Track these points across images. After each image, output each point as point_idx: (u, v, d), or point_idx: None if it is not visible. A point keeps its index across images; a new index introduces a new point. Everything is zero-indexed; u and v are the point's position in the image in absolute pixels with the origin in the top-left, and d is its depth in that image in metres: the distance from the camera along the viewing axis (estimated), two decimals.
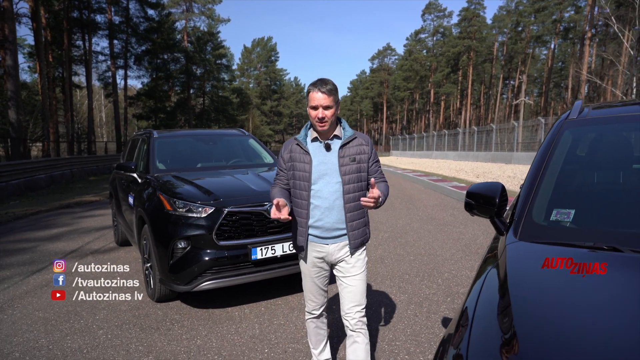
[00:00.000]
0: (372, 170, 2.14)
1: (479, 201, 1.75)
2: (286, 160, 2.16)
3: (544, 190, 1.57)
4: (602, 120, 1.85)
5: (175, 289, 3.44)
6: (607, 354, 0.82)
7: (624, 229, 1.36)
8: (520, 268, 1.23)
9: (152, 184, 3.98)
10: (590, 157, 1.73)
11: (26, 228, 7.60)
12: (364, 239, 2.17)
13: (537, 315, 1.00)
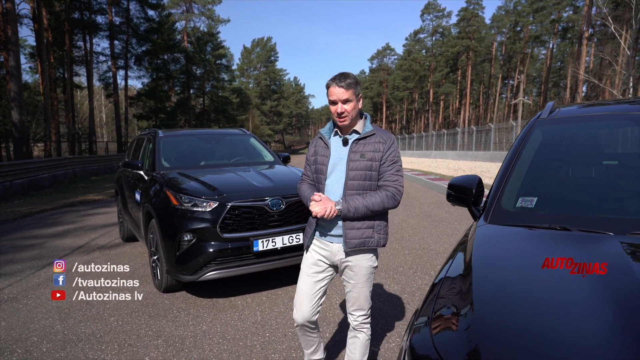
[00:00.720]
0: (383, 168, 1.98)
1: (458, 192, 1.96)
2: (311, 155, 2.14)
3: (513, 181, 1.79)
4: (569, 120, 2.06)
5: (182, 279, 3.65)
6: (555, 315, 1.02)
7: (574, 214, 1.58)
8: (484, 244, 1.44)
9: (159, 180, 4.19)
10: (556, 152, 1.94)
11: (33, 226, 7.80)
12: (364, 241, 1.99)
13: (493, 281, 1.21)
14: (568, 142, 1.95)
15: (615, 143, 1.93)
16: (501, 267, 1.29)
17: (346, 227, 1.98)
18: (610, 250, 1.19)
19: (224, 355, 2.84)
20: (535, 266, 1.18)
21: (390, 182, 1.97)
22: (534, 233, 1.44)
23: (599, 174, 1.82)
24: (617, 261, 1.12)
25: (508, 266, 1.28)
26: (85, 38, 30.07)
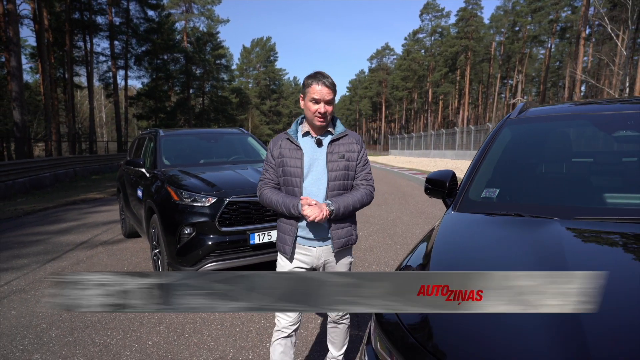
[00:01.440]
0: (358, 169, 2.04)
1: (434, 185, 2.17)
2: (276, 157, 2.04)
3: (481, 175, 1.98)
4: (536, 119, 2.26)
5: (182, 270, 3.84)
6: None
7: (529, 202, 1.78)
8: (448, 227, 1.63)
9: (160, 177, 4.39)
10: (521, 149, 2.13)
11: (36, 223, 8.00)
12: (348, 240, 2.05)
13: (448, 252, 1.42)
14: (533, 140, 2.15)
15: (574, 140, 2.13)
16: (458, 242, 1.50)
17: (333, 229, 1.98)
18: (551, 231, 1.38)
19: (222, 340, 3.03)
20: (488, 241, 1.38)
21: (366, 180, 2.05)
22: (492, 218, 1.63)
23: (557, 168, 2.03)
24: (554, 239, 1.32)
25: (464, 242, 1.49)
26: (85, 38, 30.26)
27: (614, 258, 1.25)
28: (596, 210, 1.57)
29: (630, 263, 1.22)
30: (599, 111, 2.09)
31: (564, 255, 1.19)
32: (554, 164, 2.04)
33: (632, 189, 1.75)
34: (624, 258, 1.25)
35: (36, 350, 2.93)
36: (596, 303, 0.87)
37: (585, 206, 1.62)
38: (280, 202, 1.97)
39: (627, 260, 1.23)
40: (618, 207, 1.62)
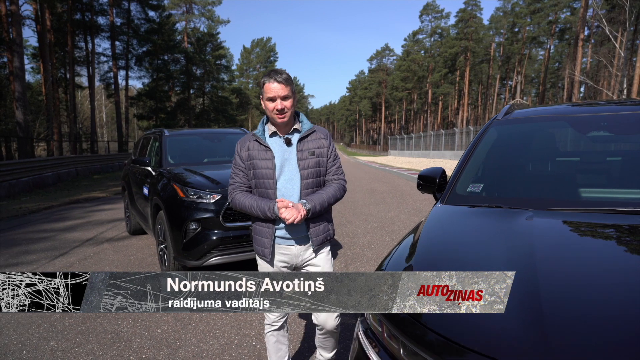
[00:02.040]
0: (330, 163, 2.04)
1: (425, 181, 2.34)
2: (245, 159, 2.01)
3: (468, 171, 2.16)
4: (521, 120, 2.44)
5: (188, 264, 4.02)
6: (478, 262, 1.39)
7: (509, 195, 1.96)
8: (435, 217, 1.81)
9: (166, 175, 4.57)
10: (505, 147, 2.31)
11: (42, 220, 8.17)
12: (326, 236, 2.05)
13: (432, 237, 1.59)
14: (516, 139, 2.32)
15: (553, 140, 2.30)
16: (443, 230, 1.67)
17: (311, 227, 1.97)
18: (523, 220, 1.55)
19: (226, 328, 3.21)
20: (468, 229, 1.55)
21: (338, 175, 2.05)
22: (474, 210, 1.81)
23: (536, 165, 2.20)
24: (525, 227, 1.49)
25: (448, 231, 1.66)
26: (86, 39, 30.44)
27: (578, 243, 1.42)
28: (568, 202, 1.75)
29: (590, 245, 1.39)
30: (577, 113, 2.27)
31: (532, 241, 1.36)
32: (534, 162, 2.21)
33: (603, 184, 1.93)
34: (586, 242, 1.42)
35: (52, 338, 3.11)
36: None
37: (558, 199, 1.80)
38: (254, 206, 1.93)
39: (589, 244, 1.41)
40: (589, 199, 1.79)
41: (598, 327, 0.98)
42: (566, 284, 1.16)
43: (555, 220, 1.55)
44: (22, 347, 2.99)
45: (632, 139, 2.09)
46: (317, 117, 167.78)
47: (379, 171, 20.92)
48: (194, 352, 2.86)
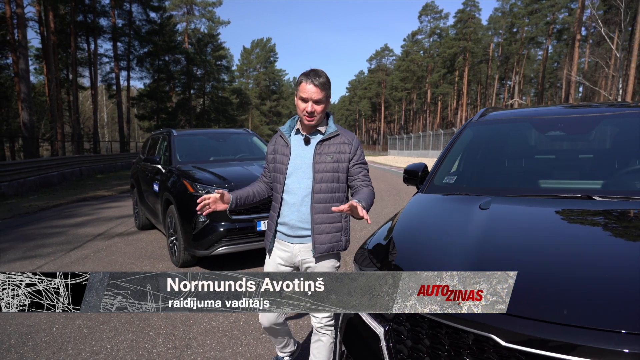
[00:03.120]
0: (353, 172, 1.97)
1: (409, 175, 2.69)
2: (270, 153, 2.08)
3: (445, 166, 2.51)
4: (493, 122, 2.79)
5: (197, 254, 4.37)
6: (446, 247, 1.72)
7: (476, 185, 2.31)
8: (413, 203, 2.16)
9: (176, 172, 4.92)
10: (479, 145, 2.65)
11: (53, 217, 8.52)
12: (334, 246, 1.96)
13: (408, 219, 1.94)
14: (488, 138, 2.67)
15: (518, 139, 2.64)
16: (418, 213, 2.02)
17: (315, 232, 1.91)
18: (482, 203, 1.89)
19: (231, 315, 3.55)
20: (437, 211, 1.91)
21: (367, 182, 1.98)
22: (446, 197, 2.16)
23: (502, 159, 2.54)
24: (482, 208, 1.83)
25: (421, 213, 2.01)
26: (88, 40, 30.80)
27: (520, 219, 1.77)
28: (522, 190, 2.09)
29: (530, 220, 1.74)
30: (540, 115, 2.62)
31: (485, 217, 1.70)
32: (500, 157, 2.55)
33: (555, 176, 2.28)
34: (527, 218, 1.77)
35: (77, 318, 3.46)
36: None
37: (514, 187, 2.15)
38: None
39: (533, 221, 1.75)
40: (540, 188, 2.14)
41: (532, 276, 1.32)
42: (506, 246, 1.51)
43: (507, 205, 1.89)
44: (51, 325, 3.33)
45: (582, 138, 2.45)
46: None
47: (377, 170, 21.27)
48: (205, 328, 3.21)
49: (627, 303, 1.12)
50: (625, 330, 1.03)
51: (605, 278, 1.24)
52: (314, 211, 1.91)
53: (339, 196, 1.96)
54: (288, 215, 1.96)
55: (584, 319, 1.08)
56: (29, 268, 4.90)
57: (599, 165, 2.25)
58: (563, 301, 1.17)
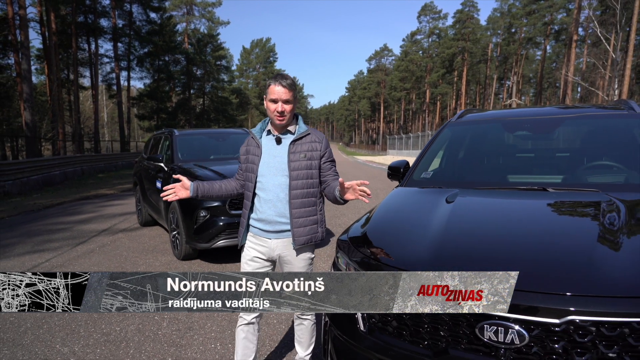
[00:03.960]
0: (324, 167, 2.11)
1: (393, 171, 2.95)
2: (242, 154, 2.20)
3: (423, 162, 2.77)
4: (470, 122, 3.05)
5: (198, 246, 4.63)
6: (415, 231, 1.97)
7: (448, 179, 2.57)
8: (392, 195, 2.42)
9: (178, 170, 5.17)
10: (455, 144, 2.91)
11: (58, 214, 8.77)
12: (312, 237, 2.08)
13: (385, 207, 2.20)
14: (464, 138, 2.93)
15: (489, 138, 2.90)
16: (395, 201, 2.28)
17: (294, 226, 2.03)
18: (452, 195, 2.15)
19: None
20: (411, 200, 2.17)
21: (334, 173, 2.14)
22: (421, 189, 2.41)
23: (474, 156, 2.80)
24: (452, 199, 2.09)
25: (397, 203, 2.27)
26: (89, 40, 31.05)
27: (484, 208, 2.03)
28: (488, 183, 2.35)
29: (492, 208, 2.00)
30: (509, 117, 2.89)
31: (450, 205, 1.96)
32: (473, 154, 2.82)
33: (519, 171, 2.54)
34: (491, 208, 2.03)
35: None
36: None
37: (481, 181, 2.41)
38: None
39: (491, 209, 2.01)
40: (503, 182, 2.40)
41: (484, 250, 1.58)
42: (466, 227, 1.77)
43: (471, 197, 2.14)
44: (61, 314, 3.58)
45: (545, 137, 2.71)
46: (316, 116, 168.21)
47: (375, 170, 21.53)
48: (207, 312, 3.46)
49: (557, 270, 1.38)
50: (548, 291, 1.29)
51: (539, 252, 1.50)
52: (292, 206, 2.03)
53: (314, 191, 2.09)
54: (265, 212, 2.05)
55: (526, 284, 1.33)
56: (38, 261, 5.16)
57: (558, 162, 2.52)
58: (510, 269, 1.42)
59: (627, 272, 1.33)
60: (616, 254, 1.42)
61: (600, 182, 2.18)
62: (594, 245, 1.47)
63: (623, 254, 1.41)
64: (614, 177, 2.22)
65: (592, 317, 1.22)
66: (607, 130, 2.49)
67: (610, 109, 2.69)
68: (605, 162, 2.32)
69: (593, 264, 1.37)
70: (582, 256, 1.42)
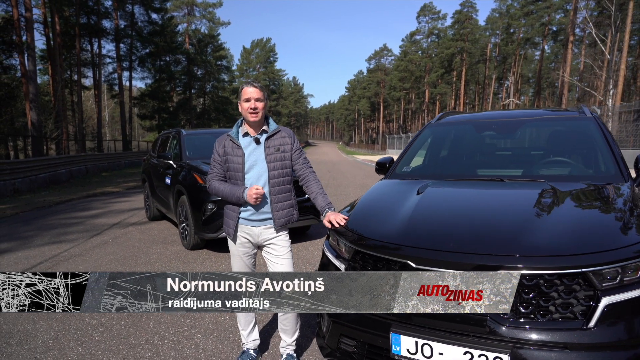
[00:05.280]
0: (295, 157, 2.44)
1: (379, 166, 3.38)
2: (221, 155, 2.40)
3: (405, 158, 3.21)
4: (448, 124, 3.48)
5: (206, 237, 5.06)
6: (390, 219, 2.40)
7: (424, 172, 3.00)
8: (375, 186, 2.84)
9: (186, 167, 5.61)
10: (433, 142, 3.35)
11: (68, 210, 9.20)
12: (289, 219, 2.41)
13: (368, 196, 2.63)
14: (441, 137, 3.37)
15: (463, 137, 3.33)
16: (376, 190, 2.72)
17: (274, 210, 2.34)
18: (424, 185, 2.57)
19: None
20: (389, 189, 2.61)
21: (307, 166, 2.49)
22: (400, 181, 2.85)
23: (448, 153, 3.24)
24: (423, 189, 2.52)
25: (378, 192, 2.71)
26: (91, 41, 31.47)
27: (449, 194, 2.46)
28: (456, 175, 2.79)
29: (455, 194, 2.43)
30: (479, 119, 3.33)
31: (422, 195, 2.39)
32: (449, 151, 3.25)
33: (485, 166, 2.97)
34: (455, 194, 2.46)
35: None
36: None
37: (451, 173, 2.85)
38: (228, 192, 2.34)
39: (454, 194, 2.44)
40: (470, 175, 2.83)
41: (439, 225, 2.00)
42: (431, 209, 2.20)
43: (439, 187, 2.57)
44: None
45: (509, 137, 3.15)
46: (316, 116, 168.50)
47: (373, 168, 21.95)
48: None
49: (493, 237, 1.81)
50: (483, 252, 1.72)
51: (483, 225, 1.94)
52: (271, 193, 2.34)
53: (288, 179, 2.44)
54: (254, 205, 2.31)
55: (459, 247, 1.77)
56: (57, 251, 5.59)
57: (518, 158, 2.96)
58: (454, 238, 1.85)
59: (544, 239, 1.76)
60: (540, 227, 1.85)
61: (548, 174, 2.62)
62: (524, 220, 1.90)
63: (545, 226, 1.84)
64: (560, 170, 2.65)
65: (518, 270, 1.65)
66: (560, 130, 2.93)
67: (566, 112, 3.13)
68: (555, 158, 2.76)
69: (521, 232, 1.81)
70: (514, 227, 1.86)
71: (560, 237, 1.76)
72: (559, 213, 1.96)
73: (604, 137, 2.67)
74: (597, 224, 1.87)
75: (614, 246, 1.69)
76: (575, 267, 1.62)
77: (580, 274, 1.63)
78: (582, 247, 1.69)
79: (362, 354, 1.99)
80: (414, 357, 1.77)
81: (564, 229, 1.82)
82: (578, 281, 1.64)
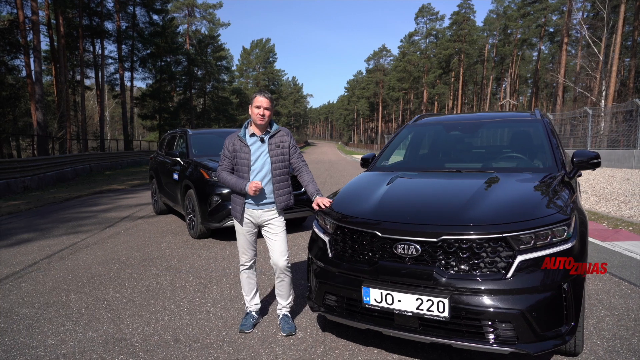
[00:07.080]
0: (291, 152, 2.96)
1: (364, 161, 3.93)
2: (230, 151, 2.91)
3: (385, 154, 3.75)
4: (424, 124, 4.03)
5: (211, 226, 5.60)
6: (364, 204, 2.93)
7: (401, 167, 3.55)
8: (358, 177, 3.39)
9: (193, 164, 6.15)
10: (410, 141, 3.89)
11: (79, 206, 9.74)
12: (287, 203, 2.93)
13: (350, 185, 3.17)
14: (417, 136, 3.91)
15: (435, 136, 3.87)
16: (357, 180, 3.26)
17: (277, 196, 2.88)
18: (398, 175, 3.11)
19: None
20: (368, 179, 3.17)
21: (301, 160, 3.04)
22: (378, 172, 3.38)
23: (421, 149, 3.79)
24: (395, 178, 3.05)
25: (358, 182, 3.25)
26: (94, 42, 31.99)
27: (414, 182, 3.00)
28: (424, 168, 3.33)
29: (419, 182, 2.98)
30: (448, 121, 3.89)
31: (393, 183, 2.93)
32: (421, 148, 3.80)
33: (451, 161, 3.51)
34: (419, 182, 3.00)
35: (127, 267, 4.68)
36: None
37: (420, 166, 3.40)
38: (234, 183, 2.87)
39: (419, 182, 2.98)
40: (436, 167, 3.37)
41: (401, 204, 2.54)
42: (397, 193, 2.74)
43: (407, 178, 3.11)
44: (109, 272, 4.56)
45: (471, 136, 3.70)
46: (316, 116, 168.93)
47: None
48: (223, 272, 4.44)
49: (440, 212, 2.36)
50: (431, 223, 2.26)
51: (434, 203, 2.48)
52: (274, 182, 2.89)
53: (286, 170, 2.96)
54: (259, 193, 2.83)
55: (413, 220, 2.31)
56: (75, 240, 6.13)
57: (478, 154, 3.50)
58: (410, 214, 2.40)
59: (478, 212, 2.30)
60: (477, 204, 2.39)
61: (499, 166, 3.16)
62: (467, 199, 2.45)
63: (481, 203, 2.39)
64: (510, 163, 3.20)
65: (454, 236, 2.20)
66: (514, 130, 3.48)
67: (520, 115, 3.69)
68: (507, 154, 3.31)
69: (463, 208, 2.35)
70: (458, 204, 2.40)
71: (491, 211, 2.31)
72: (495, 194, 2.50)
73: (547, 136, 3.22)
74: (522, 202, 2.42)
75: (530, 217, 2.23)
76: (498, 232, 2.17)
77: (502, 239, 2.17)
78: (505, 218, 2.24)
79: (342, 307, 2.53)
80: (380, 304, 2.32)
81: (495, 206, 2.36)
82: (501, 244, 2.18)
